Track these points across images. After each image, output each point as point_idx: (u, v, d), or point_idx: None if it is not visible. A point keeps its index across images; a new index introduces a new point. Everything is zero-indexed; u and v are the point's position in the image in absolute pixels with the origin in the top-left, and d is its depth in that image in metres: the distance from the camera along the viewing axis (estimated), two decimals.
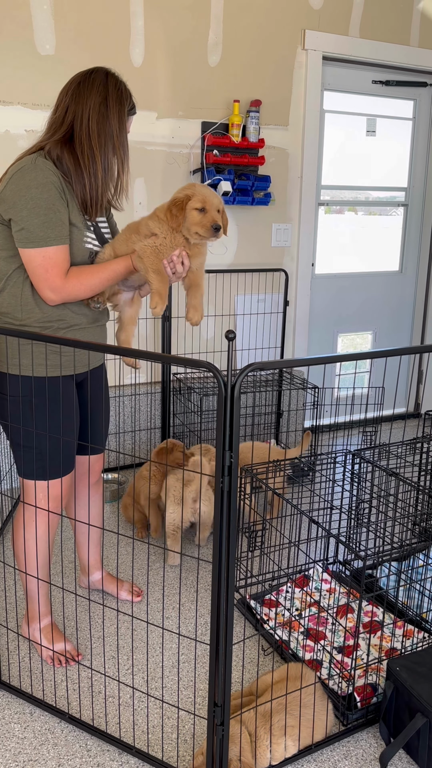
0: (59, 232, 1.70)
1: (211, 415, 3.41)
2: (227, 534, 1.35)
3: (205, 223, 1.75)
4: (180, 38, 3.23)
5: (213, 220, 1.75)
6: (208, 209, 1.75)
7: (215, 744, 1.49)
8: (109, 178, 1.81)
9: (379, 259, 4.26)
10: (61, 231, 1.71)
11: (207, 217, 1.75)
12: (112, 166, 1.80)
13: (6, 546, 2.68)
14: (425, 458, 2.67)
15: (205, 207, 1.75)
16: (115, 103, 1.77)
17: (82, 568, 2.36)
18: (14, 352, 1.80)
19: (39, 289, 1.74)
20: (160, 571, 2.57)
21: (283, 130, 3.59)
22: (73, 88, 1.77)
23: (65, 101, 1.78)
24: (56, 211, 1.70)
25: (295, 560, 2.60)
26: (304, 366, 1.80)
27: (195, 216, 1.76)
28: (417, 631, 2.13)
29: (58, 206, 1.70)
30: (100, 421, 2.11)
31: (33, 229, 1.68)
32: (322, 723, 1.73)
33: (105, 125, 1.75)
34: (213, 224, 1.75)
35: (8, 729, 1.79)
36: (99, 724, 1.81)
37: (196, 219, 1.76)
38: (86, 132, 1.74)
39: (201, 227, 1.76)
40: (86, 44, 3.03)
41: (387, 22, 3.72)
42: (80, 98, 1.75)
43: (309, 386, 3.35)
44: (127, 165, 1.84)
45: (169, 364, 3.31)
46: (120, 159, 1.81)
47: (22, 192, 1.67)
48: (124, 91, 1.80)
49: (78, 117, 1.75)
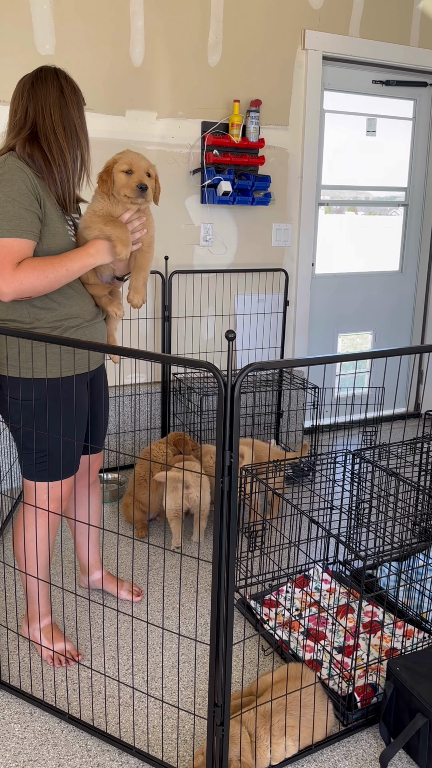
0: (15, 224, 1.67)
1: (211, 415, 3.41)
2: (227, 534, 1.35)
3: (130, 184, 1.77)
4: (180, 38, 3.23)
5: (138, 180, 1.77)
6: (134, 170, 1.78)
7: (215, 744, 1.49)
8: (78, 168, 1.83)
9: (379, 259, 4.26)
10: (18, 224, 1.67)
11: (133, 177, 1.77)
12: (78, 156, 1.81)
13: (6, 546, 2.68)
14: (425, 458, 2.67)
15: (132, 169, 1.78)
16: (71, 94, 1.80)
17: (81, 568, 2.36)
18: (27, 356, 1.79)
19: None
20: (160, 571, 2.57)
21: (283, 130, 3.59)
22: (27, 88, 1.79)
23: (23, 103, 1.80)
24: (17, 204, 1.67)
25: (295, 560, 2.60)
26: (304, 366, 1.81)
27: (122, 178, 1.78)
28: (417, 631, 2.13)
29: (22, 200, 1.68)
30: (99, 421, 2.11)
31: None
32: (322, 723, 1.73)
33: (67, 116, 1.78)
34: (138, 183, 1.76)
35: (8, 729, 1.79)
36: (99, 724, 1.81)
37: (122, 181, 1.78)
38: (50, 126, 1.77)
39: (127, 188, 1.77)
40: (86, 44, 3.03)
41: (387, 22, 3.72)
42: (36, 96, 1.77)
43: (309, 386, 3.35)
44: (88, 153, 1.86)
45: (169, 364, 3.31)
46: (84, 147, 1.83)
47: None
48: (75, 84, 1.84)
49: (39, 113, 1.77)
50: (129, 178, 1.77)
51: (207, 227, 3.49)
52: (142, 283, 1.88)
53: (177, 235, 3.44)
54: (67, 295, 1.83)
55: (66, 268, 1.73)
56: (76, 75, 3.01)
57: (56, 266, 1.72)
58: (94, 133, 3.10)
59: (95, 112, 3.11)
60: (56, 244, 1.78)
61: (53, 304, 1.80)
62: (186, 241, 3.48)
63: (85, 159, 1.85)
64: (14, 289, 1.68)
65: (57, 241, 1.78)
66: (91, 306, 1.90)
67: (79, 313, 1.85)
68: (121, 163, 1.78)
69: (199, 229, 3.49)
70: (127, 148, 1.87)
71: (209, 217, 3.50)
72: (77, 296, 1.85)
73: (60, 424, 1.84)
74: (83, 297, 1.87)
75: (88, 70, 3.05)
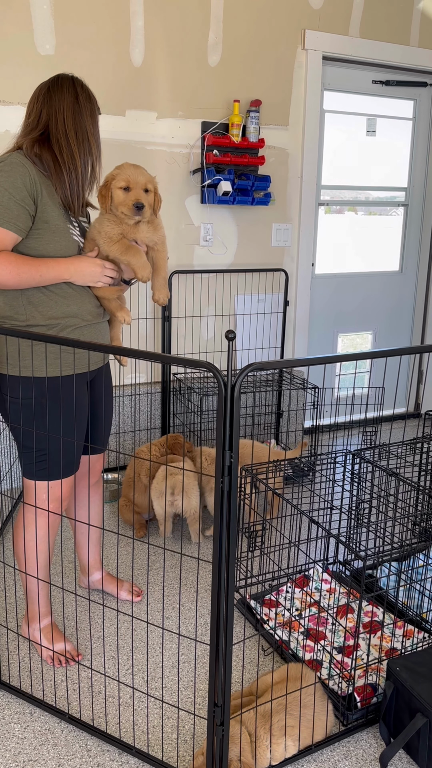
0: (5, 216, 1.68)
1: (211, 415, 3.41)
2: (227, 534, 1.35)
3: (127, 203, 1.79)
4: (180, 38, 3.23)
5: (135, 198, 1.78)
6: (132, 187, 1.79)
7: (215, 744, 1.49)
8: (89, 174, 1.85)
9: (379, 259, 4.26)
10: (7, 215, 1.68)
11: (129, 196, 1.79)
12: (88, 161, 1.84)
13: (6, 546, 2.68)
14: (425, 458, 2.67)
15: (129, 185, 1.79)
16: (86, 102, 1.83)
17: (81, 568, 2.36)
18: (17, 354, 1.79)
19: None
20: (160, 571, 2.57)
21: (283, 130, 3.59)
22: (43, 93, 1.83)
23: (37, 106, 1.83)
24: (8, 195, 1.68)
25: (295, 560, 2.60)
26: (304, 366, 1.81)
27: (119, 195, 1.80)
28: (417, 631, 2.13)
29: (14, 192, 1.69)
30: (101, 422, 2.11)
31: None
32: (322, 723, 1.73)
33: (80, 122, 1.81)
34: (134, 202, 1.78)
35: (8, 729, 1.79)
36: (99, 724, 1.81)
37: (120, 198, 1.80)
38: (63, 130, 1.79)
39: (124, 206, 1.79)
40: (86, 44, 3.03)
41: (387, 22, 3.72)
42: (52, 100, 1.81)
43: (309, 386, 3.35)
44: (100, 159, 1.89)
45: (169, 364, 3.31)
46: (95, 155, 1.85)
47: None
48: (90, 92, 1.87)
49: (53, 117, 1.80)
50: (126, 196, 1.79)
51: (207, 227, 3.49)
52: (163, 281, 1.93)
53: (177, 235, 3.44)
54: (65, 295, 1.83)
55: (40, 274, 1.75)
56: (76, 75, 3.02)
57: (32, 267, 1.74)
58: None
59: None
60: (56, 241, 1.79)
61: (50, 302, 1.80)
62: (186, 241, 3.48)
63: (95, 166, 1.87)
64: None
65: (57, 239, 1.79)
66: (91, 307, 1.89)
67: (76, 312, 1.85)
68: (119, 179, 1.80)
69: (199, 229, 3.49)
70: (125, 161, 1.89)
71: (209, 217, 3.50)
72: (76, 296, 1.85)
73: (58, 424, 1.84)
74: (83, 297, 1.87)
75: (88, 70, 3.05)
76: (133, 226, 1.84)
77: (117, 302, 1.96)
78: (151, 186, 1.84)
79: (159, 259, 1.92)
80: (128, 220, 1.82)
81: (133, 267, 1.84)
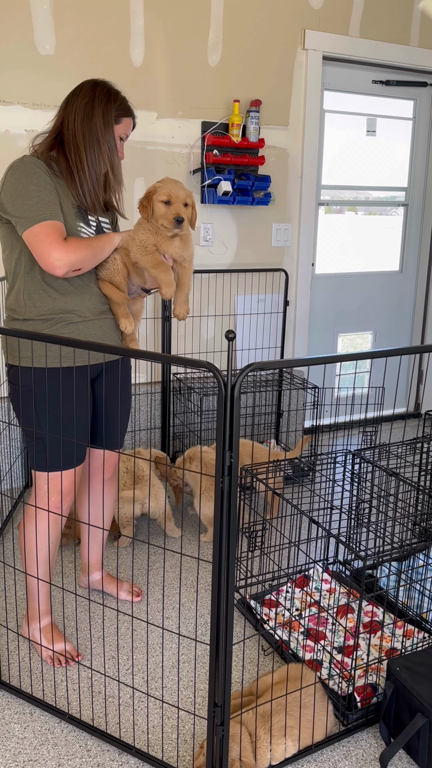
0: (53, 210, 1.75)
1: (211, 415, 3.41)
2: (227, 534, 1.35)
3: (168, 216, 1.84)
4: (180, 38, 3.23)
5: (176, 212, 1.84)
6: (173, 201, 1.84)
7: (215, 744, 1.49)
8: (101, 175, 1.88)
9: (379, 259, 4.26)
10: (55, 209, 1.76)
11: (171, 209, 1.84)
12: (97, 163, 1.85)
13: (6, 546, 2.68)
14: (425, 458, 2.67)
15: (170, 200, 1.84)
16: (101, 103, 1.84)
17: (82, 567, 2.36)
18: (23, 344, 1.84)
19: (46, 262, 1.74)
20: (160, 571, 2.57)
21: (283, 130, 3.59)
22: (66, 98, 1.88)
23: (59, 112, 1.89)
24: (48, 192, 1.75)
25: (295, 560, 2.60)
26: (304, 366, 1.81)
27: (160, 208, 1.85)
28: (417, 631, 2.13)
29: (49, 189, 1.76)
30: (115, 419, 2.12)
31: (27, 212, 1.73)
32: (322, 723, 1.73)
33: (90, 124, 1.83)
34: (175, 216, 1.84)
35: (8, 729, 1.79)
36: (99, 724, 1.81)
37: (161, 211, 1.85)
38: (72, 132, 1.83)
39: (165, 219, 1.85)
40: (86, 44, 3.03)
41: (387, 22, 3.72)
42: (68, 103, 1.86)
43: (309, 386, 3.35)
44: (114, 163, 1.89)
45: (169, 364, 3.31)
46: (106, 157, 1.86)
47: (14, 186, 1.75)
48: (113, 94, 1.88)
49: (66, 119, 1.85)
50: (167, 209, 1.84)
51: (207, 227, 3.50)
52: (185, 298, 1.98)
53: None
54: (64, 291, 1.85)
55: (104, 243, 1.85)
56: (76, 75, 3.02)
57: (95, 241, 1.82)
58: None
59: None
60: None
61: (47, 297, 1.84)
62: None
63: (110, 167, 1.88)
64: (69, 261, 1.75)
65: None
66: (91, 303, 1.91)
67: (74, 308, 1.87)
68: (160, 193, 1.85)
69: (199, 229, 3.49)
70: (167, 176, 1.94)
71: (209, 217, 3.50)
72: (75, 292, 1.87)
73: (53, 415, 1.87)
74: (83, 294, 1.88)
75: (88, 70, 3.05)
76: (168, 240, 1.88)
77: (123, 308, 1.98)
78: (189, 201, 1.88)
79: (184, 276, 1.96)
80: (167, 232, 1.87)
81: (160, 283, 1.88)
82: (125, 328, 1.99)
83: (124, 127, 1.91)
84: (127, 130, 1.93)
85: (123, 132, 1.91)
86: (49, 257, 1.72)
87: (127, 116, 1.91)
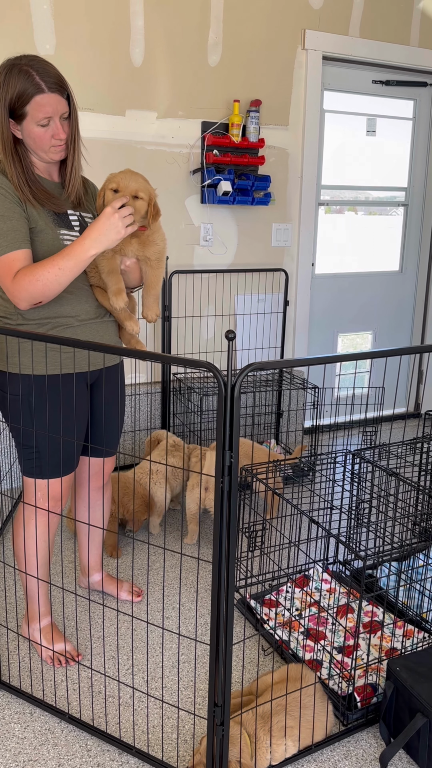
0: (11, 238, 1.68)
1: (211, 415, 3.41)
2: (227, 534, 1.35)
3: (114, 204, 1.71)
4: (180, 38, 3.23)
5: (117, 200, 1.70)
6: (120, 190, 1.72)
7: (215, 744, 1.49)
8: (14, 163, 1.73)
9: (379, 259, 4.26)
10: (14, 237, 1.68)
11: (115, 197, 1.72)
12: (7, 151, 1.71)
13: (6, 546, 2.68)
14: (425, 458, 2.67)
15: (118, 189, 1.72)
16: (5, 86, 1.68)
17: (82, 568, 2.36)
18: (14, 351, 1.79)
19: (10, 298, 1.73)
20: (160, 571, 2.57)
21: (283, 130, 3.59)
22: None
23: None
24: (6, 219, 1.68)
25: (295, 560, 2.60)
26: (304, 366, 1.81)
27: (109, 197, 1.74)
28: (417, 631, 2.13)
29: (8, 214, 1.68)
30: (111, 424, 2.09)
31: None
32: (322, 723, 1.73)
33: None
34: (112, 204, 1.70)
35: (8, 729, 1.79)
36: (99, 724, 1.81)
37: (108, 200, 1.74)
38: None
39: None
40: (86, 44, 3.03)
41: (387, 22, 3.72)
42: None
43: (309, 386, 3.35)
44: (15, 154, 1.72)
45: (169, 364, 3.31)
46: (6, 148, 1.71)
47: None
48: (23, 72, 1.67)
49: None
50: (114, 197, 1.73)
51: (207, 227, 3.49)
52: (154, 299, 1.89)
53: (177, 235, 3.44)
54: (59, 297, 1.81)
55: (58, 267, 1.68)
56: (76, 75, 3.02)
57: (47, 267, 1.68)
58: (95, 133, 3.11)
59: (95, 112, 3.11)
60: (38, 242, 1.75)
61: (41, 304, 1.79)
62: (186, 241, 3.48)
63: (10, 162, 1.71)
64: (23, 299, 1.70)
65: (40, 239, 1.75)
66: (88, 306, 1.88)
67: (71, 312, 1.83)
68: (110, 181, 1.75)
69: (199, 229, 3.49)
70: (128, 167, 1.82)
71: (209, 217, 3.50)
72: (71, 298, 1.83)
73: (48, 422, 1.83)
74: (79, 298, 1.85)
75: (88, 70, 3.05)
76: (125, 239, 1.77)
77: (125, 311, 1.93)
78: (144, 195, 1.74)
79: (151, 276, 1.86)
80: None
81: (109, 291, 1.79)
82: (132, 329, 1.93)
83: (40, 111, 1.66)
84: (47, 111, 1.66)
85: (43, 115, 1.66)
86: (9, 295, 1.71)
87: (38, 92, 1.64)
